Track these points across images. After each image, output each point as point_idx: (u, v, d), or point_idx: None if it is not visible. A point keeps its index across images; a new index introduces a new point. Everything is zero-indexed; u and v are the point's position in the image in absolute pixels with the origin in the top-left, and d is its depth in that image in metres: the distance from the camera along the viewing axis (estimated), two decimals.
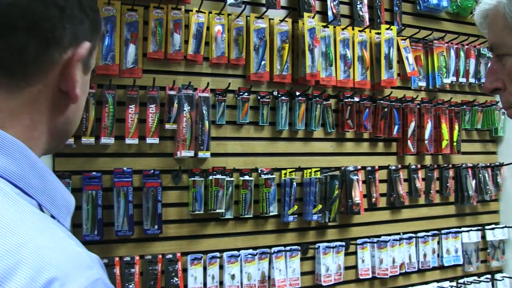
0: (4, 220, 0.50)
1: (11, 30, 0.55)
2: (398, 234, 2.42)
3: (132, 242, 1.96)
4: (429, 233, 2.50)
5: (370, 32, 2.36)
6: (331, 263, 2.19)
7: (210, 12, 2.07)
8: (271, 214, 2.11)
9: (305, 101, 2.20)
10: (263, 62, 2.13)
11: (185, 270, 2.00)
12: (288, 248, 2.15)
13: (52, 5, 0.57)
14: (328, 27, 2.23)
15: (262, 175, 2.13)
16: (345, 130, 2.27)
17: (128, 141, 1.92)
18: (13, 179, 0.55)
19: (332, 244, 2.21)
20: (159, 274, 1.95)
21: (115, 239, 1.92)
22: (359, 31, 2.32)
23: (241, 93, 2.11)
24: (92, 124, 1.87)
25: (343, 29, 2.28)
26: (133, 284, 1.89)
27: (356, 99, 2.30)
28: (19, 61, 0.56)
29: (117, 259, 1.90)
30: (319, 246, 2.20)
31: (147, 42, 1.97)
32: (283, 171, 2.17)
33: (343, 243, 2.24)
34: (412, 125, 2.42)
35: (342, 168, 2.26)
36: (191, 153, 1.97)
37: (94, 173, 1.87)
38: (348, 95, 2.27)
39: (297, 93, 2.18)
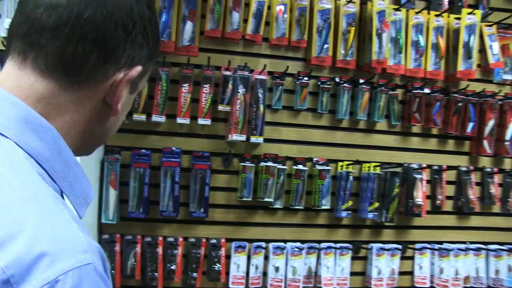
0: (20, 193, 0.55)
1: (80, 37, 0.61)
2: (464, 243, 2.18)
3: (177, 223, 1.93)
4: (504, 247, 2.22)
5: (449, 17, 2.13)
6: (384, 266, 2.03)
7: None
8: (322, 207, 1.99)
9: (369, 89, 2.03)
10: (325, 46, 1.99)
11: (228, 257, 1.94)
12: (338, 245, 2.02)
13: (121, 27, 0.64)
14: (400, 10, 2.04)
15: (316, 165, 2.01)
16: (412, 123, 2.08)
17: (179, 120, 1.88)
18: (41, 160, 0.60)
19: (387, 246, 2.04)
20: (202, 258, 1.91)
21: (161, 219, 1.90)
22: (436, 15, 2.09)
23: (300, 77, 1.99)
24: (144, 101, 1.85)
25: (417, 13, 2.07)
26: (174, 265, 1.87)
27: (427, 90, 2.09)
28: (79, 65, 0.62)
29: (160, 238, 1.88)
30: (372, 247, 2.04)
31: (205, 20, 1.91)
32: (340, 163, 2.03)
33: (400, 246, 2.06)
34: (491, 123, 2.16)
35: (405, 165, 2.08)
36: (243, 137, 1.90)
37: (143, 150, 1.86)
38: (418, 86, 2.06)
39: (361, 81, 2.02)
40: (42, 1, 0.61)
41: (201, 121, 1.89)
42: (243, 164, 1.93)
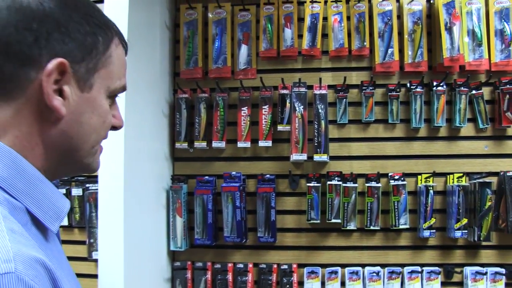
0: None
1: None
2: None
3: (246, 249, 1.90)
4: None
5: None
6: None
7: (326, 1, 1.87)
8: (401, 227, 1.79)
9: (446, 91, 1.81)
10: (390, 50, 1.83)
11: (301, 283, 1.84)
12: (425, 269, 1.79)
13: (24, 29, 0.63)
14: None
15: (391, 180, 1.82)
16: (504, 125, 1.78)
17: (240, 144, 1.87)
18: None
19: (485, 270, 1.75)
20: (274, 285, 1.85)
21: (230, 245, 1.89)
22: None
23: (364, 87, 1.85)
24: (204, 128, 1.88)
25: None
26: None
27: None
28: None
29: (230, 265, 1.86)
30: (465, 270, 1.77)
31: (259, 41, 1.90)
32: (419, 177, 1.82)
33: (503, 270, 1.75)
34: None
35: (501, 174, 1.78)
36: (304, 156, 1.81)
37: (206, 177, 1.88)
38: (507, 81, 1.77)
39: (435, 83, 1.81)
40: None
41: (262, 143, 1.86)
42: (309, 184, 1.83)
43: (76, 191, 1.83)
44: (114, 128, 0.78)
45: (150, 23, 1.77)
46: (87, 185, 1.82)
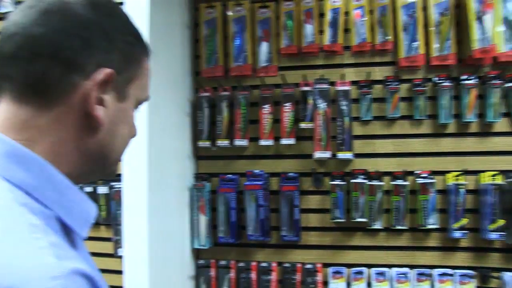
0: None
1: (38, 56, 0.64)
2: None
3: (270, 247, 1.88)
4: None
5: None
6: None
7: None
8: (430, 227, 1.72)
9: (477, 85, 1.72)
10: (415, 43, 1.76)
11: (325, 283, 1.81)
12: (458, 271, 1.71)
13: (75, 36, 0.64)
14: None
15: (418, 179, 1.75)
16: None
17: (262, 142, 1.85)
18: (30, 190, 0.62)
19: None
20: (298, 285, 1.82)
21: (254, 243, 1.88)
22: None
23: (389, 82, 1.79)
24: (227, 126, 1.88)
25: None
26: None
27: None
28: (45, 84, 0.64)
29: (254, 263, 1.85)
30: (504, 276, 1.67)
31: (279, 38, 1.88)
32: (448, 175, 1.74)
33: None
34: None
35: None
36: (327, 154, 1.77)
37: (229, 175, 1.87)
38: None
39: (464, 77, 1.72)
40: (5, 33, 0.65)
41: (284, 141, 1.84)
42: (333, 182, 1.80)
43: (102, 189, 1.88)
44: None
45: (170, 22, 1.79)
46: (113, 183, 1.86)
